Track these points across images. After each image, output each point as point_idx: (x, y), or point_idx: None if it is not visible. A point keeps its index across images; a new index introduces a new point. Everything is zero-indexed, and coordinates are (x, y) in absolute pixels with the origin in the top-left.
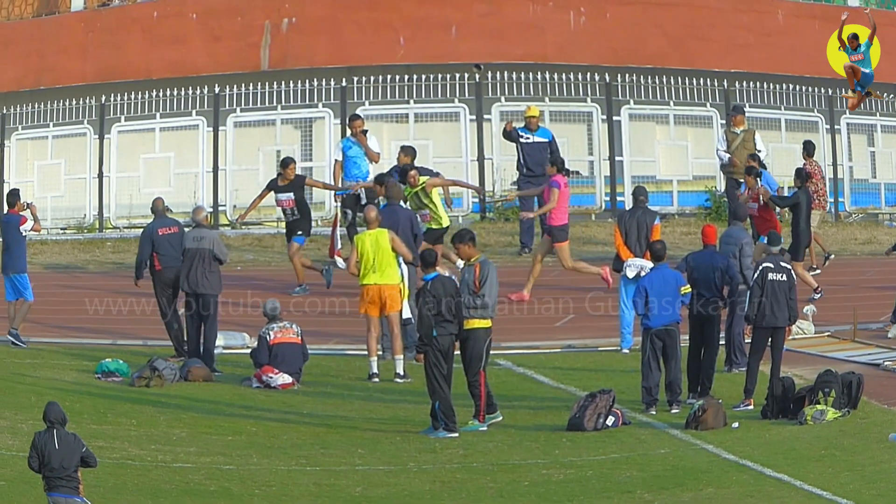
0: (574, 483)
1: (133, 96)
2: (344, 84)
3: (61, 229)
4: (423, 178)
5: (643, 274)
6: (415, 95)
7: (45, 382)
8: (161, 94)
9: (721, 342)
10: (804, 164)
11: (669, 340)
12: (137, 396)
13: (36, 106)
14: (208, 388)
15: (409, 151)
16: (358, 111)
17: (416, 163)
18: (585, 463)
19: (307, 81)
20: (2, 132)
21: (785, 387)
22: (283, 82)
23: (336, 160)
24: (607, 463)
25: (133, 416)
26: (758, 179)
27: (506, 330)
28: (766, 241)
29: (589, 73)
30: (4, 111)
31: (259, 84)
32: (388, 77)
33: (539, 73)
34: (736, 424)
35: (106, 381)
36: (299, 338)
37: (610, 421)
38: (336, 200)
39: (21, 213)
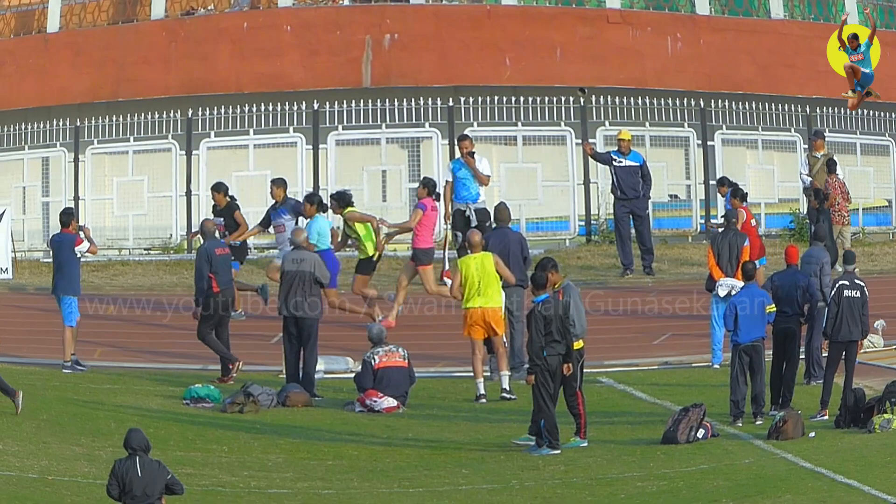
0: (666, 494)
1: (223, 111)
2: (451, 104)
3: (144, 250)
4: (348, 209)
5: (734, 293)
6: (522, 117)
7: (126, 409)
8: (254, 109)
9: (801, 356)
10: (826, 182)
11: (755, 356)
12: (230, 422)
13: (114, 119)
14: (308, 413)
15: (279, 184)
16: (466, 132)
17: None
18: (677, 474)
19: (412, 100)
20: (76, 145)
21: (856, 397)
22: (386, 100)
23: (447, 181)
24: (696, 474)
25: (224, 442)
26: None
27: (607, 349)
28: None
29: (685, 99)
30: (78, 123)
31: (361, 101)
32: (496, 98)
33: (639, 97)
34: (812, 434)
35: (195, 407)
36: (405, 361)
37: (700, 433)
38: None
39: (75, 233)
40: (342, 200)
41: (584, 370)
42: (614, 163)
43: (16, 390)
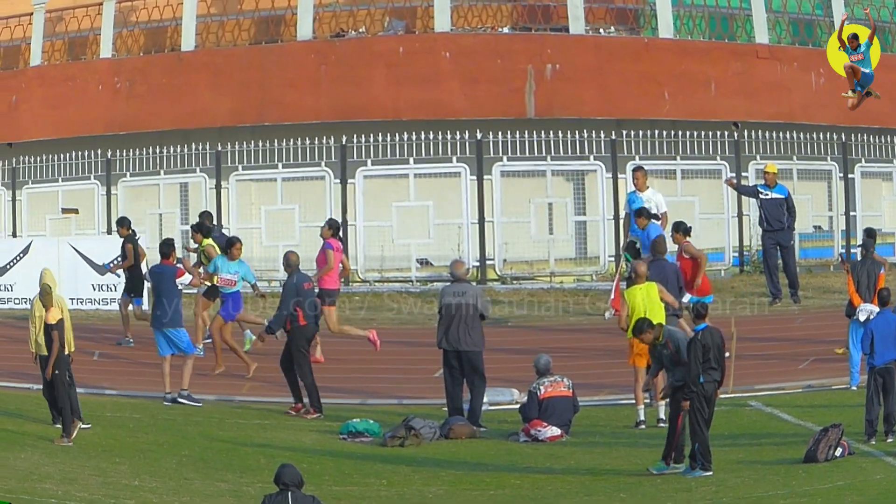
0: None
1: (380, 138)
2: (614, 137)
3: None
4: (206, 241)
5: (872, 318)
6: (680, 151)
7: (277, 444)
8: (413, 136)
9: None
10: None
11: (888, 377)
12: (390, 456)
13: (260, 144)
14: (471, 445)
15: (206, 217)
16: (628, 165)
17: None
18: (816, 492)
19: (576, 132)
20: (217, 171)
21: None
22: (550, 131)
23: (626, 213)
24: (833, 490)
25: (384, 475)
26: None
27: (757, 374)
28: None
29: (828, 133)
30: (220, 147)
31: (525, 132)
32: (655, 131)
33: (786, 132)
34: None
35: (353, 441)
36: (570, 391)
37: (838, 452)
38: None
39: (176, 264)
40: (203, 230)
41: (733, 394)
42: (760, 195)
43: (73, 420)
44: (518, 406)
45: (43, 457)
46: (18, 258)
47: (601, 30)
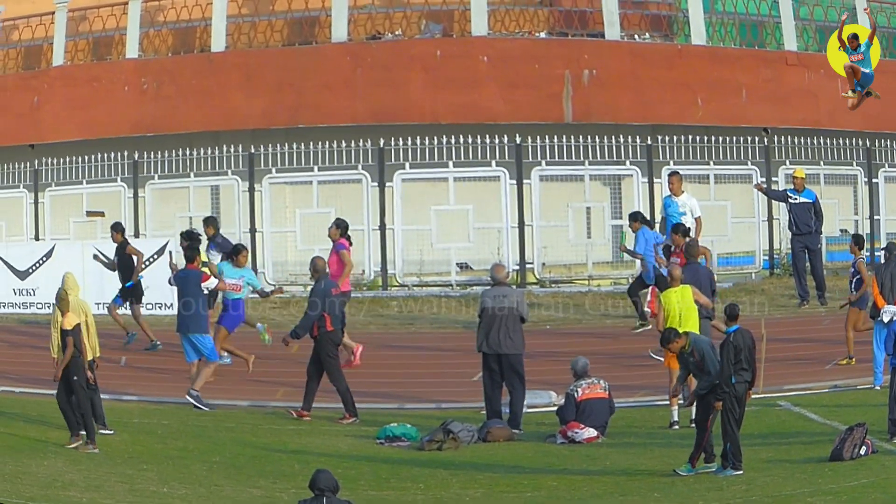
0: None
1: (418, 141)
2: (650, 142)
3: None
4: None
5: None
6: (712, 156)
7: (312, 450)
8: (452, 140)
9: None
10: None
11: None
12: (427, 460)
13: (294, 146)
14: (509, 447)
15: (211, 222)
16: (663, 170)
17: None
18: (841, 489)
19: (612, 137)
20: (250, 174)
21: None
22: (588, 136)
23: (662, 217)
24: (858, 488)
25: (421, 479)
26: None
27: (786, 374)
28: None
29: (853, 139)
30: (253, 150)
31: (563, 137)
32: (689, 137)
33: (814, 137)
34: None
35: (390, 446)
36: (607, 392)
37: (863, 451)
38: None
39: (200, 269)
40: (192, 241)
41: (763, 395)
42: (789, 200)
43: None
44: (556, 408)
45: (67, 464)
46: (41, 262)
47: (636, 36)
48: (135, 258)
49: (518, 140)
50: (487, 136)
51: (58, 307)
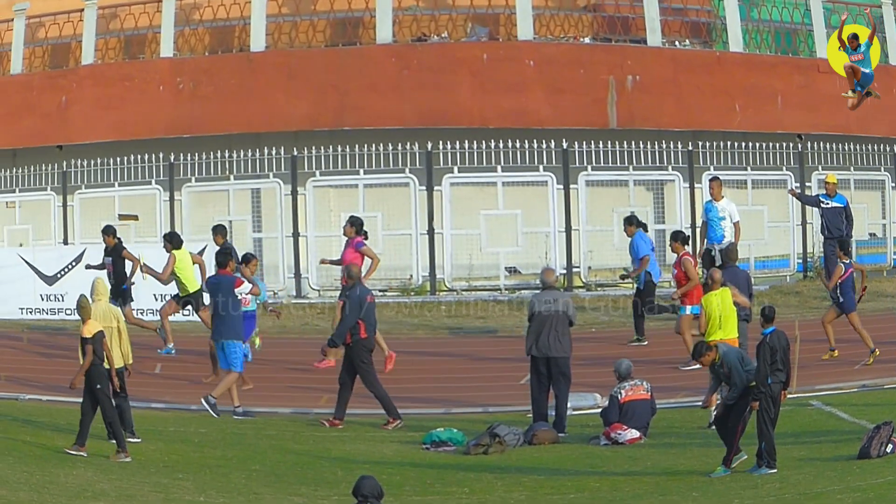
0: None
1: (466, 145)
2: (690, 148)
3: (380, 291)
4: (177, 252)
5: None
6: (750, 162)
7: (356, 456)
8: (500, 144)
9: None
10: None
11: None
12: (473, 464)
13: (338, 149)
14: (554, 450)
15: (220, 230)
16: (704, 175)
17: None
18: (868, 486)
19: (655, 143)
20: (293, 176)
21: None
22: (632, 142)
23: (703, 221)
24: (885, 485)
25: (465, 484)
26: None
27: (818, 375)
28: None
29: (881, 144)
30: (295, 152)
31: (609, 142)
32: (728, 143)
33: (844, 143)
34: None
35: (435, 451)
36: (649, 394)
37: (889, 448)
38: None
39: (234, 274)
40: (174, 241)
41: (796, 394)
42: (822, 205)
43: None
44: (600, 410)
45: (97, 473)
46: (70, 267)
47: (676, 42)
48: (129, 263)
49: (565, 145)
50: (534, 141)
51: (79, 314)
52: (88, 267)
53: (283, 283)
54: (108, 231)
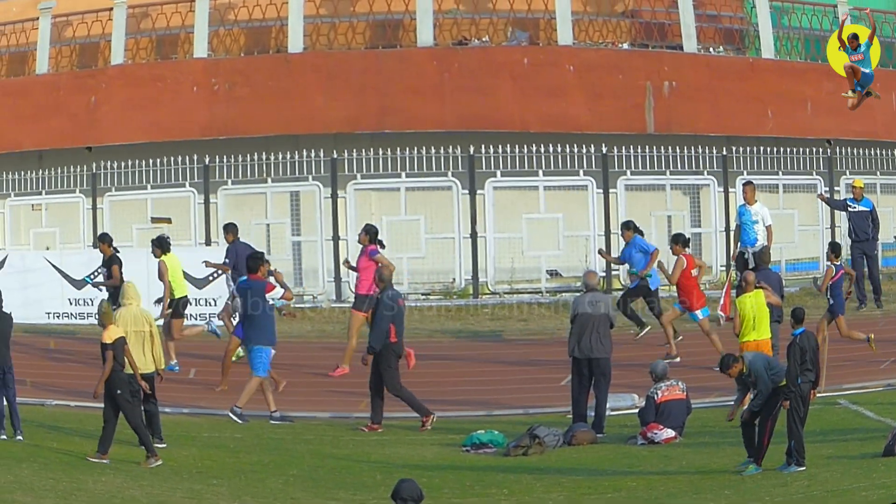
0: (884, 502)
1: (507, 149)
2: (725, 153)
3: (422, 295)
4: (165, 257)
5: None
6: (781, 167)
7: (395, 460)
8: (542, 149)
9: None
10: None
11: None
12: (512, 466)
13: (379, 152)
14: (592, 450)
15: (231, 229)
16: (738, 180)
17: None
18: (893, 483)
19: (691, 148)
20: (333, 179)
21: None
22: (669, 147)
23: (737, 224)
24: None
25: (505, 485)
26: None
27: (845, 374)
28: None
29: None
30: (335, 155)
31: (647, 147)
32: (760, 148)
33: (871, 149)
34: None
35: (476, 453)
36: (685, 394)
37: None
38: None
39: (266, 279)
40: (164, 246)
41: (824, 393)
42: (849, 209)
43: (153, 449)
44: (637, 410)
45: (127, 480)
46: (100, 270)
47: (710, 49)
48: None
49: (604, 149)
50: (575, 146)
51: (98, 320)
52: (95, 285)
53: (323, 286)
54: (104, 239)
